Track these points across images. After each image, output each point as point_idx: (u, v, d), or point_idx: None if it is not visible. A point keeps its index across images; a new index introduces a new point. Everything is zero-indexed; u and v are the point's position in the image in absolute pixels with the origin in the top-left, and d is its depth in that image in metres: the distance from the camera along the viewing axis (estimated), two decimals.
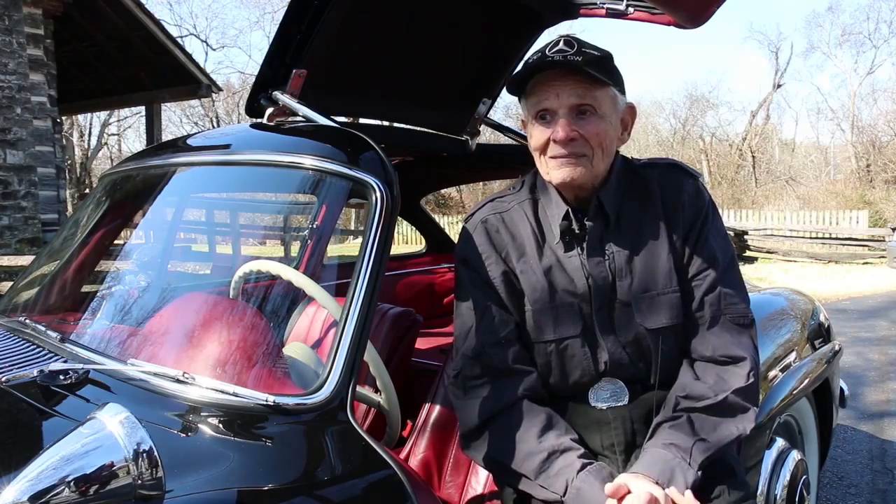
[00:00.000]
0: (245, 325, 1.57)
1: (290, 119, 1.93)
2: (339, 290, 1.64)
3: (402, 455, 1.82)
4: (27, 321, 1.77)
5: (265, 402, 1.28)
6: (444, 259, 3.54)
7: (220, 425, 1.27)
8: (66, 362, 1.44)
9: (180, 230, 3.44)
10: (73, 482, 0.97)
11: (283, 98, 1.92)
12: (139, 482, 1.00)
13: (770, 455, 2.13)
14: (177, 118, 30.28)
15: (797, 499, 2.18)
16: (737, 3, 33.50)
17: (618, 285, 1.40)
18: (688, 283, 1.42)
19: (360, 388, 1.52)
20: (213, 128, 19.91)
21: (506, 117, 22.97)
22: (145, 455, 1.00)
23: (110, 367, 1.42)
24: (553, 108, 1.36)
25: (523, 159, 2.00)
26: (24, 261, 5.61)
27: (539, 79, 1.38)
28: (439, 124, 2.59)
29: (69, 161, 22.48)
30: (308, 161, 1.59)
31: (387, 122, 2.72)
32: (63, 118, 14.21)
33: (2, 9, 8.12)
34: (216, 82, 12.40)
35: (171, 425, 1.27)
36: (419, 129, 2.54)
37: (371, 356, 1.55)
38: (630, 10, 2.20)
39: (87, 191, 23.91)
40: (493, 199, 1.53)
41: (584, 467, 1.30)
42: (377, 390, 1.60)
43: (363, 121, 2.71)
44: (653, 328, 1.39)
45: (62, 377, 1.36)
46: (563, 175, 1.38)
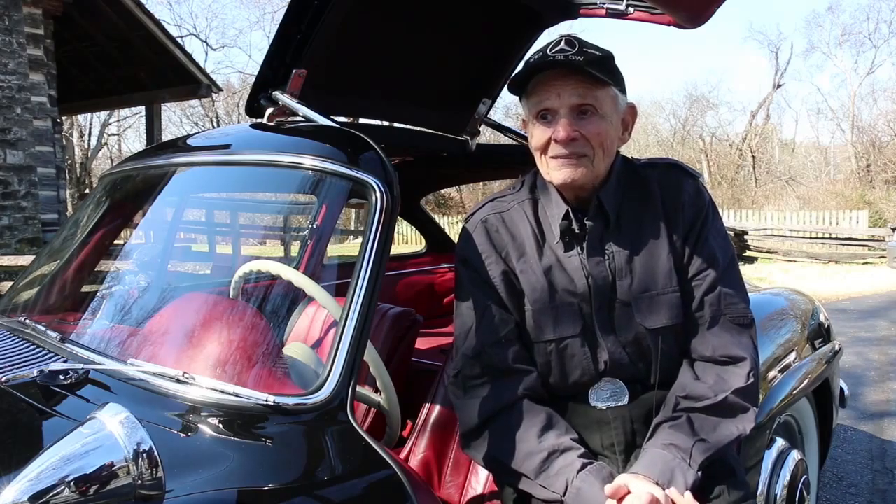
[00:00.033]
0: (245, 325, 1.57)
1: (290, 119, 1.93)
2: (339, 290, 1.64)
3: (402, 455, 1.82)
4: (27, 321, 1.77)
5: (265, 402, 1.28)
6: (444, 259, 3.54)
7: (220, 425, 1.27)
8: (66, 362, 1.44)
9: (180, 230, 3.44)
10: (73, 482, 0.97)
11: (283, 98, 1.92)
12: (139, 482, 1.00)
13: (770, 455, 2.13)
14: (177, 118, 30.33)
15: (797, 499, 2.18)
16: (737, 3, 33.60)
17: (618, 285, 1.40)
18: (688, 283, 1.42)
19: (360, 388, 1.52)
20: (213, 128, 19.92)
21: (506, 117, 23.02)
22: (145, 455, 1.00)
23: (110, 367, 1.42)
24: (554, 107, 1.36)
25: (523, 159, 2.00)
26: (24, 261, 5.61)
27: (540, 78, 1.38)
28: (439, 124, 2.59)
29: (69, 161, 22.48)
30: (308, 161, 1.59)
31: (387, 122, 2.72)
32: (63, 118, 14.20)
33: (2, 9, 8.12)
34: (216, 82, 12.41)
35: (171, 425, 1.27)
36: (419, 129, 2.54)
37: (371, 356, 1.55)
38: (630, 10, 2.20)
39: (87, 191, 23.90)
40: (493, 199, 1.53)
41: (584, 467, 1.30)
42: (377, 390, 1.60)
43: (363, 121, 2.71)
44: (653, 328, 1.39)
45: (62, 377, 1.36)
46: (565, 175, 1.38)
